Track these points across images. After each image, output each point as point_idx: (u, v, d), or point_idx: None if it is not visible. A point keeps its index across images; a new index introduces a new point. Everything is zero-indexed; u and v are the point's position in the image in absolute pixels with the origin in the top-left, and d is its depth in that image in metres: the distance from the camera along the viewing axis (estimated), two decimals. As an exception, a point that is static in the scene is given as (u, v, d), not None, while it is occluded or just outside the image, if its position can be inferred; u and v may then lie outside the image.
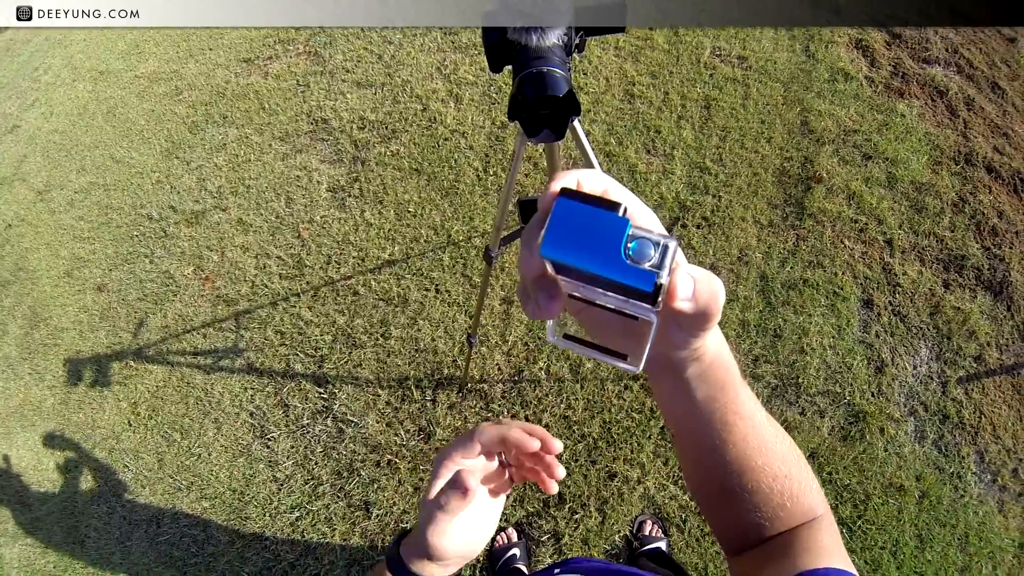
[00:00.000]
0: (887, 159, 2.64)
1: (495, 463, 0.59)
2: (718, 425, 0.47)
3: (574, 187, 0.37)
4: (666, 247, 0.33)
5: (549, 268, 0.36)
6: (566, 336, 0.40)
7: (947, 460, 2.05)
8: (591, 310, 0.41)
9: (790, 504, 0.50)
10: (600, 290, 0.36)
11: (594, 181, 0.37)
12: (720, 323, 1.35)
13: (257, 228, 3.08)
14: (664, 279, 0.33)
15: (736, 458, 0.48)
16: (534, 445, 0.54)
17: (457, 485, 0.52)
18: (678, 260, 0.35)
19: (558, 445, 0.56)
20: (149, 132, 3.93)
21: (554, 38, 0.82)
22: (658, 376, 0.48)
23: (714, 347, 0.45)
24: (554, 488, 0.57)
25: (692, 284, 0.36)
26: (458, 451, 0.56)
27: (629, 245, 0.33)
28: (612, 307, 0.37)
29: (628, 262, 0.32)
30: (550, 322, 0.39)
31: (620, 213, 0.33)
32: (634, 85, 3.03)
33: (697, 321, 0.38)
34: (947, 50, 3.01)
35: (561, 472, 0.56)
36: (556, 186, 0.36)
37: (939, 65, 2.96)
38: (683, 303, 0.36)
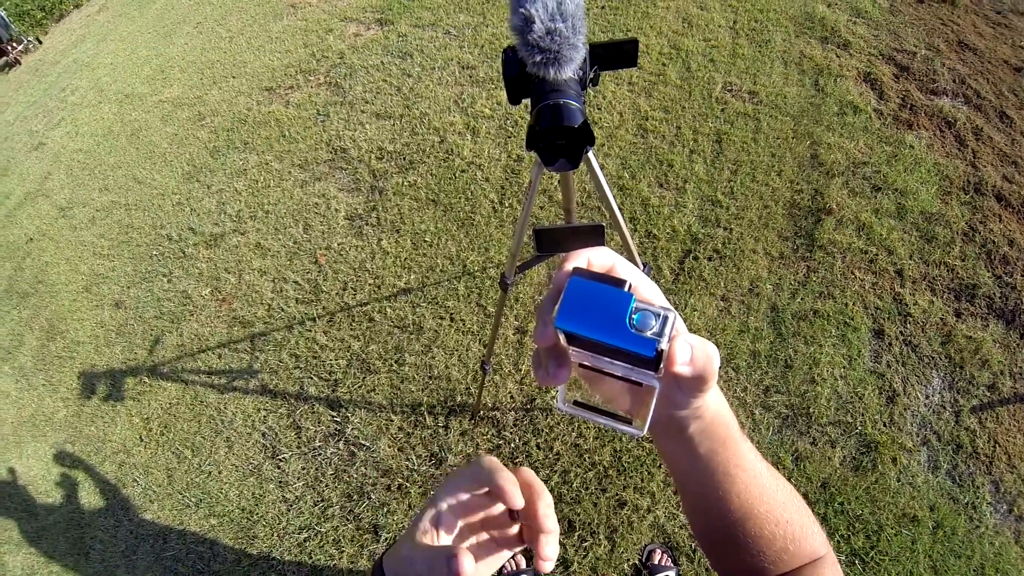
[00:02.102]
0: (897, 190, 2.67)
1: (503, 508, 0.50)
2: (720, 477, 0.50)
3: (585, 266, 0.42)
4: (666, 317, 0.37)
5: (561, 339, 0.40)
6: (575, 403, 0.44)
7: (961, 490, 2.03)
8: (599, 378, 0.44)
9: (792, 547, 0.52)
10: (607, 359, 0.40)
11: (603, 258, 0.42)
12: (731, 354, 1.39)
13: (275, 252, 3.14)
14: (664, 345, 0.36)
15: (739, 507, 0.51)
16: (516, 502, 0.44)
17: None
18: (678, 329, 0.39)
19: (547, 501, 0.46)
20: (171, 155, 4.02)
21: (570, 72, 0.86)
22: (662, 433, 0.50)
23: (714, 405, 0.48)
24: (545, 568, 0.46)
25: (690, 350, 0.40)
26: (462, 486, 0.47)
27: (633, 316, 0.37)
28: (619, 375, 0.41)
29: (632, 331, 0.36)
30: (560, 390, 0.44)
31: (625, 288, 0.37)
32: (647, 120, 3.09)
33: (695, 383, 0.42)
34: (954, 81, 3.05)
35: (549, 553, 0.45)
36: (569, 266, 0.41)
37: (947, 96, 3.00)
38: (682, 367, 0.39)
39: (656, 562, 2.02)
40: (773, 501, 0.52)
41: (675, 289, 2.51)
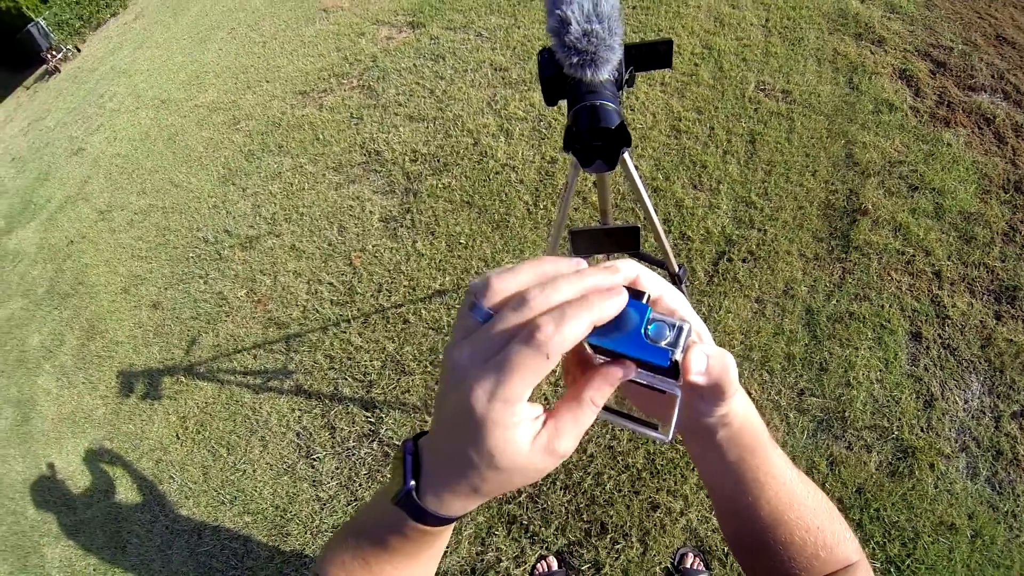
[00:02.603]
0: (934, 189, 2.61)
1: None
2: (751, 483, 0.51)
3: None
4: (680, 328, 0.38)
5: (586, 347, 0.41)
6: (606, 408, 0.44)
7: (1001, 498, 1.97)
8: (627, 387, 0.44)
9: (824, 554, 0.52)
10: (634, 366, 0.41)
11: (627, 270, 0.41)
12: (765, 356, 1.38)
13: (310, 255, 3.18)
14: (679, 355, 0.37)
15: (770, 513, 0.51)
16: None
17: (611, 375, 0.39)
18: (697, 338, 0.41)
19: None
20: (207, 159, 4.10)
21: (606, 74, 0.86)
22: (692, 440, 0.51)
23: (741, 413, 0.48)
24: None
25: (705, 360, 0.40)
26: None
27: (649, 327, 0.38)
28: (644, 382, 0.42)
29: (647, 341, 0.37)
30: None
31: (644, 300, 0.39)
32: (680, 121, 3.07)
33: (714, 393, 0.42)
34: (993, 76, 2.96)
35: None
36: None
37: (985, 92, 2.92)
38: (697, 377, 0.39)
39: (688, 566, 2.01)
40: (803, 507, 0.52)
41: (709, 291, 2.49)
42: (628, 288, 0.39)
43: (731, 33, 3.43)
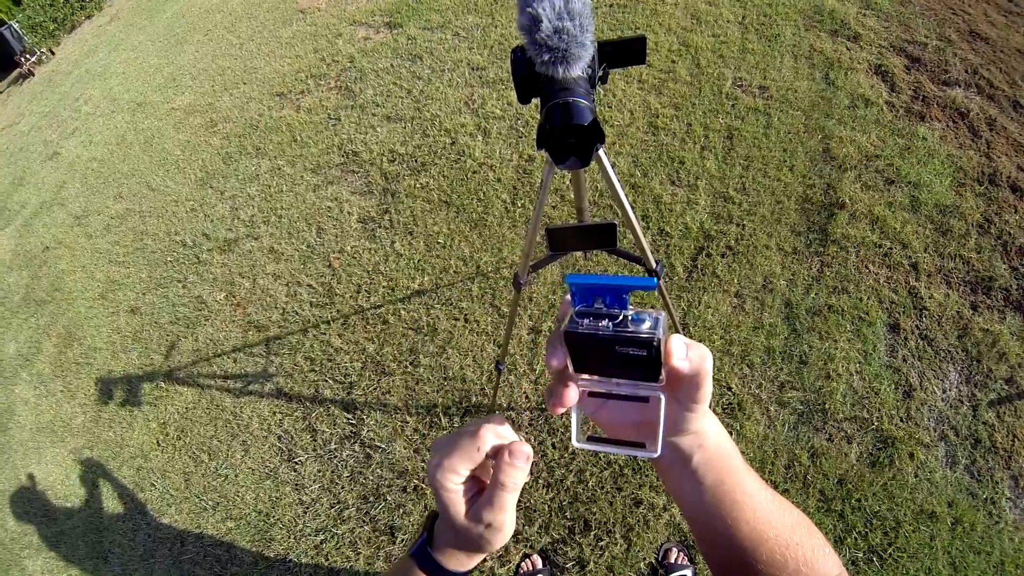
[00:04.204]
0: (910, 183, 2.64)
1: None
2: (728, 506, 0.52)
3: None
4: (658, 318, 0.42)
5: (569, 366, 0.47)
6: (589, 438, 0.50)
7: (980, 485, 2.00)
8: (609, 409, 0.51)
9: (805, 569, 0.53)
10: (615, 380, 0.46)
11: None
12: (745, 350, 1.39)
13: (288, 257, 3.15)
14: (660, 337, 0.41)
15: (749, 534, 0.52)
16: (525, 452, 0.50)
17: (518, 455, 0.49)
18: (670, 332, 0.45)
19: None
20: (184, 162, 4.05)
21: (579, 71, 0.86)
22: (668, 470, 0.54)
23: (714, 436, 0.52)
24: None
25: (685, 348, 0.45)
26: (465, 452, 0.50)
27: (630, 315, 0.42)
28: (626, 393, 0.47)
29: (630, 328, 0.42)
30: (574, 429, 0.49)
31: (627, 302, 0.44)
32: (658, 117, 3.08)
33: (691, 389, 0.46)
34: (967, 71, 3.01)
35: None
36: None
37: (959, 87, 2.96)
38: (680, 362, 0.44)
39: (673, 560, 2.01)
40: (782, 525, 0.53)
41: (688, 287, 2.50)
42: (622, 283, 0.43)
43: (708, 30, 3.45)
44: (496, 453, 0.50)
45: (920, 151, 2.72)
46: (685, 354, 0.44)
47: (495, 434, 0.50)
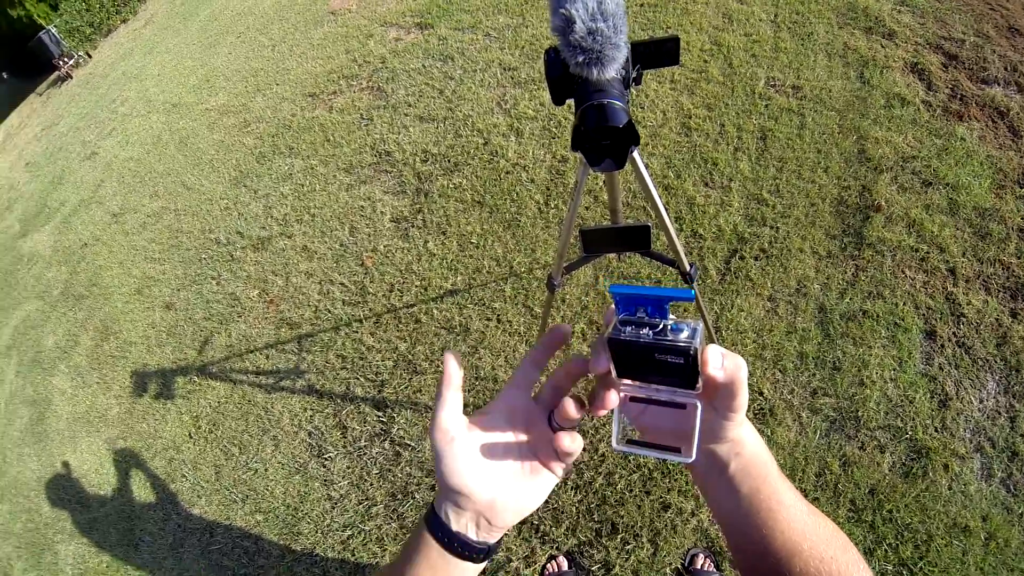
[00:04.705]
0: (948, 185, 2.58)
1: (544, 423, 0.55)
2: (764, 515, 0.52)
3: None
4: (695, 328, 0.44)
5: (612, 372, 0.48)
6: (629, 442, 0.51)
7: (1016, 500, 1.94)
8: (648, 415, 0.51)
9: None
10: (654, 386, 0.48)
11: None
12: (778, 355, 1.37)
13: (321, 255, 3.19)
14: (697, 346, 0.43)
15: (783, 544, 0.52)
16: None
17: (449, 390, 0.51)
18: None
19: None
20: (218, 161, 4.12)
21: (613, 72, 0.86)
22: (706, 478, 0.55)
23: (751, 445, 0.53)
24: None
25: (721, 356, 0.46)
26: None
27: (669, 326, 0.45)
28: (664, 399, 0.48)
29: (669, 336, 0.44)
30: (614, 432, 0.51)
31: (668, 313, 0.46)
32: (690, 118, 3.05)
33: (727, 398, 0.47)
34: (1006, 68, 2.92)
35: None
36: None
37: (998, 84, 2.88)
38: (715, 371, 0.45)
39: (699, 566, 1.99)
40: (816, 537, 0.53)
41: (722, 289, 2.48)
42: (663, 294, 0.45)
43: (740, 29, 3.41)
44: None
45: (958, 152, 2.66)
46: (721, 363, 0.45)
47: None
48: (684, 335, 0.44)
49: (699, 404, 0.46)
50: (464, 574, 0.53)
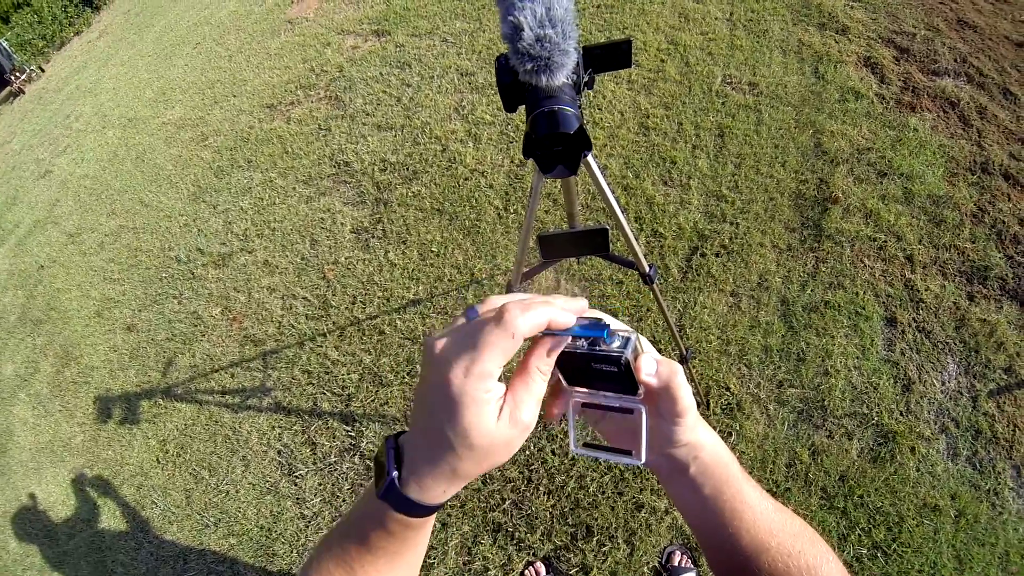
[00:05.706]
0: (902, 175, 2.63)
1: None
2: (728, 515, 0.53)
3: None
4: (628, 338, 0.46)
5: (562, 381, 0.51)
6: (585, 445, 0.52)
7: (982, 477, 1.99)
8: (607, 421, 0.54)
9: None
10: (602, 393, 0.50)
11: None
12: (743, 350, 1.38)
13: (283, 269, 3.15)
14: (629, 355, 0.45)
15: (750, 543, 0.53)
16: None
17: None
18: (645, 349, 0.49)
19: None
20: (176, 177, 4.05)
21: (563, 78, 0.85)
22: (668, 478, 0.55)
23: (710, 447, 0.53)
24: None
25: (655, 364, 0.48)
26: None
27: (605, 338, 0.46)
28: (614, 405, 0.50)
29: (602, 347, 0.46)
30: (572, 437, 0.52)
31: (603, 327, 0.47)
32: (648, 117, 3.07)
33: (668, 403, 0.49)
34: (956, 60, 2.99)
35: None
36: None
37: (949, 76, 2.95)
38: (648, 377, 0.47)
39: (676, 563, 2.01)
40: (783, 534, 0.53)
41: (684, 287, 2.49)
42: (592, 319, 0.47)
43: (696, 28, 3.44)
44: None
45: (912, 142, 2.71)
46: (655, 370, 0.47)
47: (523, 309, 0.42)
48: (616, 345, 0.46)
49: (643, 409, 0.48)
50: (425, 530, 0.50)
